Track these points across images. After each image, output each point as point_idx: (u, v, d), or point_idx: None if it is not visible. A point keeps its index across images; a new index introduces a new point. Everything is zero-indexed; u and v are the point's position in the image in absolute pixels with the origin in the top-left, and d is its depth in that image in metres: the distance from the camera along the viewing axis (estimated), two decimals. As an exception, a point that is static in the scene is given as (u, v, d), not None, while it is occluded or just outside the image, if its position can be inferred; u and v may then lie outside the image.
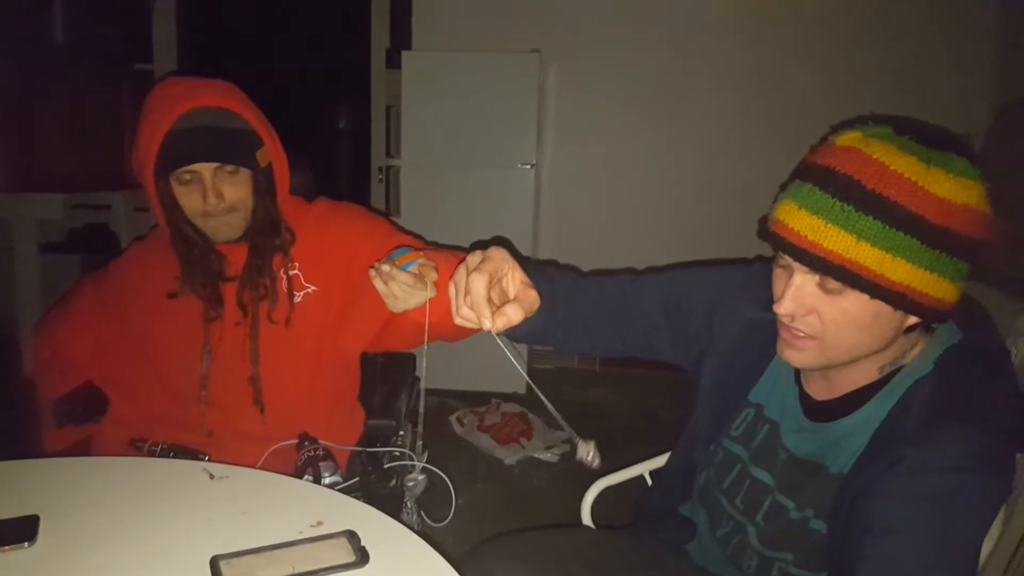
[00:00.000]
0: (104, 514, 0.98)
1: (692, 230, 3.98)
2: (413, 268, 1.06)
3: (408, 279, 1.03)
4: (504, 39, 3.85)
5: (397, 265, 1.05)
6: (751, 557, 1.06)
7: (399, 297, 1.05)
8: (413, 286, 1.03)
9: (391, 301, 1.06)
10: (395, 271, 1.03)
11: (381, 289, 1.05)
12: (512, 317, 0.91)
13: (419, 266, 1.06)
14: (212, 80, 1.35)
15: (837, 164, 0.86)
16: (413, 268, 1.06)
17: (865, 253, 0.82)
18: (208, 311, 1.39)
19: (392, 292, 1.05)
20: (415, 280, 1.03)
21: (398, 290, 1.04)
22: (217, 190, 1.30)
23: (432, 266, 1.07)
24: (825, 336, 0.90)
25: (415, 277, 1.04)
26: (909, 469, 0.85)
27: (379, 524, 0.97)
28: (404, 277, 1.03)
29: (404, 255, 1.09)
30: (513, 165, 3.54)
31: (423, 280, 1.04)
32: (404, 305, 1.06)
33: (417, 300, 1.05)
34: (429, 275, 1.05)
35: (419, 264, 1.07)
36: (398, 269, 1.04)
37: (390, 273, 1.03)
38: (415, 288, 1.04)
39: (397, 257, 1.08)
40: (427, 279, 1.04)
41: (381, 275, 1.04)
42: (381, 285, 1.05)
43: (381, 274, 1.04)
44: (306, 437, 1.32)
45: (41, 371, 1.47)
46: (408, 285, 1.03)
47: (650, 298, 1.15)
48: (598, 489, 1.41)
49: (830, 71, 3.76)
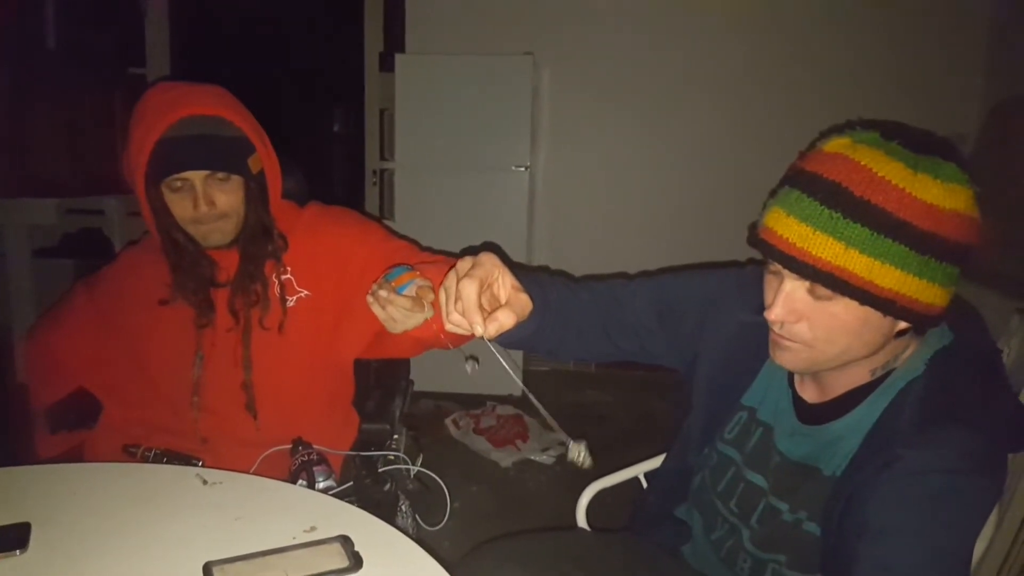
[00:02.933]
0: (96, 521, 0.97)
1: (687, 232, 3.99)
2: (410, 289, 1.05)
3: (406, 303, 1.02)
4: (497, 42, 3.85)
5: (393, 287, 1.04)
6: (745, 560, 1.06)
7: (398, 320, 1.04)
8: (411, 309, 1.02)
9: (390, 324, 1.05)
10: (392, 296, 1.02)
11: (379, 314, 1.04)
12: (504, 322, 0.90)
13: (416, 287, 1.05)
14: (203, 86, 1.35)
15: (825, 171, 0.86)
16: (410, 289, 1.05)
17: (854, 260, 0.82)
18: (200, 317, 1.38)
19: (391, 316, 1.04)
20: (413, 303, 1.02)
21: (396, 314, 1.03)
22: (208, 197, 1.30)
23: (429, 286, 1.06)
24: (816, 342, 0.90)
25: (413, 300, 1.03)
26: (902, 471, 0.85)
27: (373, 529, 0.97)
28: (402, 301, 1.02)
29: (400, 276, 1.08)
30: (507, 168, 3.55)
31: (421, 303, 1.03)
32: (403, 327, 1.05)
33: (415, 321, 1.04)
34: (427, 296, 1.04)
35: (416, 285, 1.05)
36: (395, 293, 1.03)
37: (388, 298, 1.02)
38: (413, 311, 1.03)
39: (393, 279, 1.07)
40: (425, 300, 1.03)
41: (379, 300, 1.03)
42: (379, 310, 1.04)
43: (379, 299, 1.03)
44: (300, 442, 1.32)
45: (33, 377, 1.47)
46: (406, 309, 1.02)
47: (643, 302, 1.15)
48: (593, 491, 1.41)
49: (824, 72, 3.77)
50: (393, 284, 1.05)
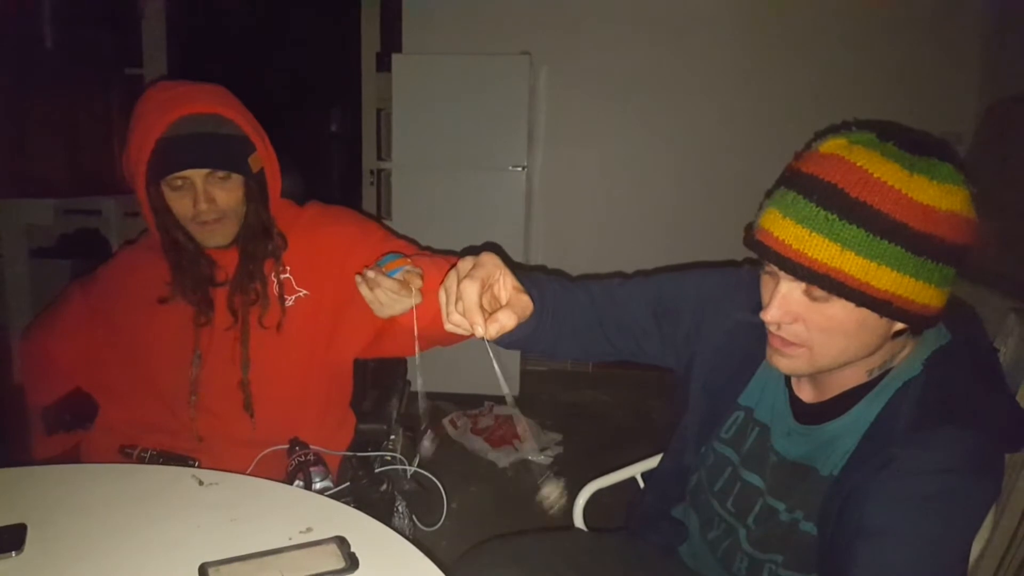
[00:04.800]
0: (92, 522, 0.97)
1: (683, 232, 3.99)
2: (399, 275, 1.09)
3: (393, 285, 1.06)
4: (494, 42, 3.86)
5: (384, 272, 1.08)
6: (742, 560, 1.06)
7: (384, 303, 1.08)
8: (398, 292, 1.06)
9: (376, 307, 1.10)
10: (380, 278, 1.06)
11: (366, 295, 1.09)
12: (505, 323, 0.90)
13: (404, 273, 1.09)
14: (203, 85, 1.35)
15: (821, 172, 0.85)
16: (399, 275, 1.09)
17: (850, 262, 0.82)
18: (198, 316, 1.38)
19: (377, 298, 1.08)
20: (400, 287, 1.06)
21: (383, 296, 1.07)
22: (208, 196, 1.30)
23: (417, 272, 1.10)
24: (812, 343, 0.90)
25: (400, 284, 1.06)
26: (899, 471, 0.85)
27: (369, 530, 0.97)
28: (389, 284, 1.06)
29: (391, 262, 1.13)
30: (504, 168, 3.55)
31: (408, 287, 1.07)
32: (390, 311, 1.09)
33: (403, 306, 1.08)
34: (414, 282, 1.08)
35: (405, 271, 1.09)
36: (384, 276, 1.07)
37: (375, 280, 1.06)
38: (400, 295, 1.07)
39: (384, 264, 1.12)
40: (412, 285, 1.07)
41: (367, 281, 1.07)
42: (367, 291, 1.08)
43: (367, 280, 1.07)
44: (297, 442, 1.32)
45: (29, 377, 1.46)
46: (393, 292, 1.06)
47: (639, 302, 1.15)
48: (590, 491, 1.41)
49: (820, 73, 3.78)
50: (384, 269, 1.09)
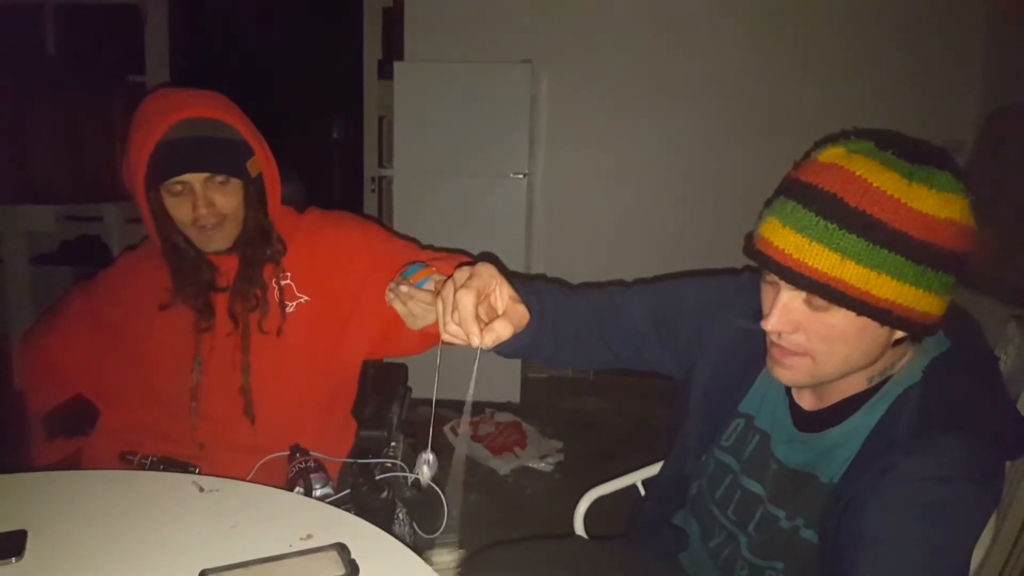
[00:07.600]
0: (93, 528, 0.97)
1: (684, 240, 3.99)
2: (428, 285, 1.08)
3: (427, 297, 1.05)
4: (495, 50, 3.87)
5: (412, 283, 1.07)
6: (742, 567, 1.06)
7: (419, 316, 1.07)
8: (432, 304, 1.04)
9: (410, 320, 1.08)
10: (413, 291, 1.05)
11: (400, 310, 1.07)
12: (501, 333, 0.90)
13: (435, 283, 1.08)
14: (202, 91, 1.35)
15: (820, 181, 0.86)
16: (428, 285, 1.08)
17: (850, 271, 0.83)
18: (199, 322, 1.38)
19: (411, 311, 1.07)
20: (433, 297, 1.04)
21: (417, 309, 1.06)
22: (208, 200, 1.30)
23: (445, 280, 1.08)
24: (814, 352, 0.90)
25: (432, 294, 1.05)
26: (899, 478, 0.85)
27: (370, 536, 0.97)
28: (423, 296, 1.05)
29: (417, 272, 1.12)
30: (505, 175, 3.55)
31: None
32: (424, 323, 1.08)
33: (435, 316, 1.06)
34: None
35: (434, 280, 1.09)
36: (415, 288, 1.06)
37: (408, 293, 1.05)
38: (432, 304, 1.04)
39: (411, 275, 1.11)
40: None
41: (400, 296, 1.06)
42: (400, 306, 1.07)
43: (399, 295, 1.06)
44: (297, 449, 1.32)
45: (30, 383, 1.46)
46: (427, 303, 1.05)
47: (639, 310, 1.15)
48: (591, 499, 1.41)
49: (822, 79, 3.79)
50: (412, 280, 1.09)
